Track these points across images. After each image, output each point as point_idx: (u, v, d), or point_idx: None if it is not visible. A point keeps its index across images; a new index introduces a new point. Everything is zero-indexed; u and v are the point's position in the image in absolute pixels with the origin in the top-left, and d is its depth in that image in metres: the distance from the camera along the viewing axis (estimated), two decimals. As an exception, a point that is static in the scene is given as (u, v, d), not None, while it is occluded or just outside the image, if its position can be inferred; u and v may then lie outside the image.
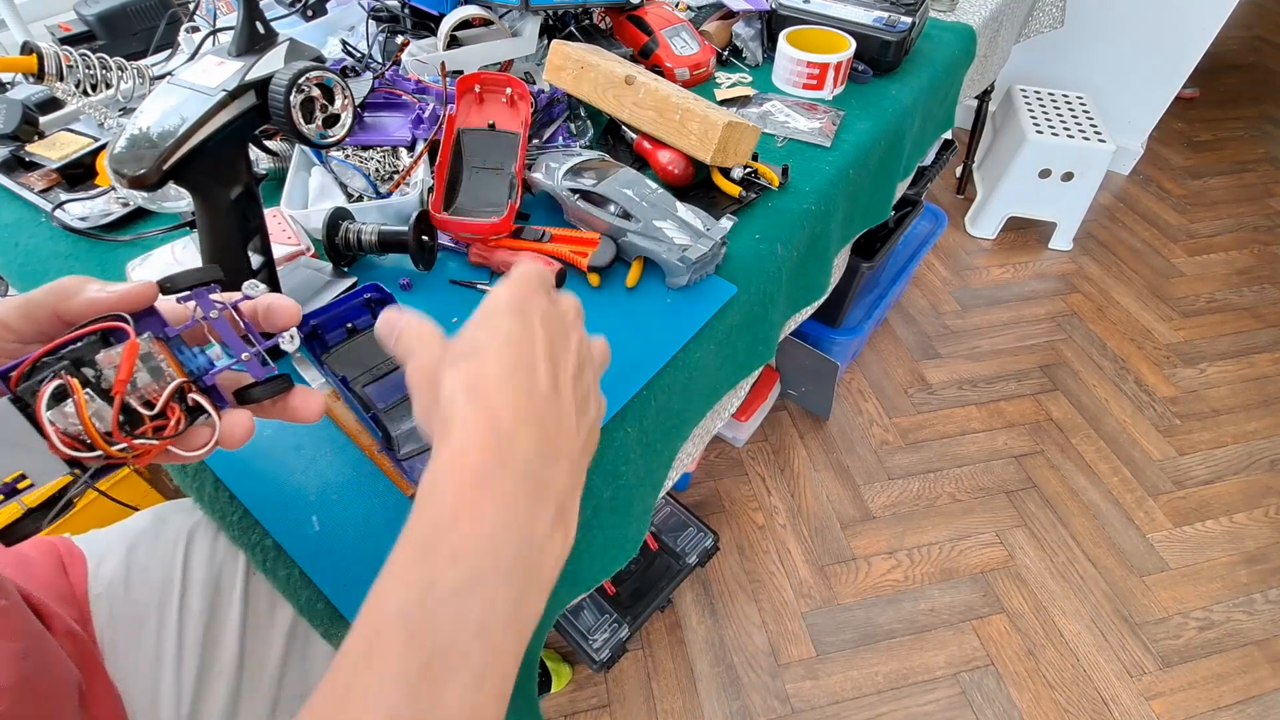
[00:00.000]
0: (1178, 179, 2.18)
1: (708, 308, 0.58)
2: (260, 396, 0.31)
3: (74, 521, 1.10)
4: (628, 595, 1.16)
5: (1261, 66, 2.76)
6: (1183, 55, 1.90)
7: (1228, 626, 1.19)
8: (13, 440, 0.24)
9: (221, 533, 0.53)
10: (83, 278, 0.28)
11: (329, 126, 0.46)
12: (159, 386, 0.27)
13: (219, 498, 0.47)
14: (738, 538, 1.33)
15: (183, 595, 0.49)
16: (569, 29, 0.85)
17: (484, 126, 0.65)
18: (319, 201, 0.66)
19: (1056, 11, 1.40)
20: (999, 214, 1.92)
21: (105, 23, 0.88)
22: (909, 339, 1.70)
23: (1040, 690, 1.12)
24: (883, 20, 0.87)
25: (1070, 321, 1.73)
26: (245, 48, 0.43)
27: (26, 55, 0.64)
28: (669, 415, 0.55)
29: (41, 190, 0.69)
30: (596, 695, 1.13)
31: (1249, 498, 1.37)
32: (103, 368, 0.26)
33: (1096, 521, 1.33)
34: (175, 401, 0.28)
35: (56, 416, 0.24)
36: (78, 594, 0.47)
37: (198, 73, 0.43)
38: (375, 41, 0.80)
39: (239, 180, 0.46)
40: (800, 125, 0.80)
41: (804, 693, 1.13)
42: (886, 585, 1.25)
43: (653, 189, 0.61)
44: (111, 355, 0.26)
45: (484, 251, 0.60)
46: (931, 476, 1.42)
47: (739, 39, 0.93)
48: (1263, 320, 1.73)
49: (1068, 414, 1.52)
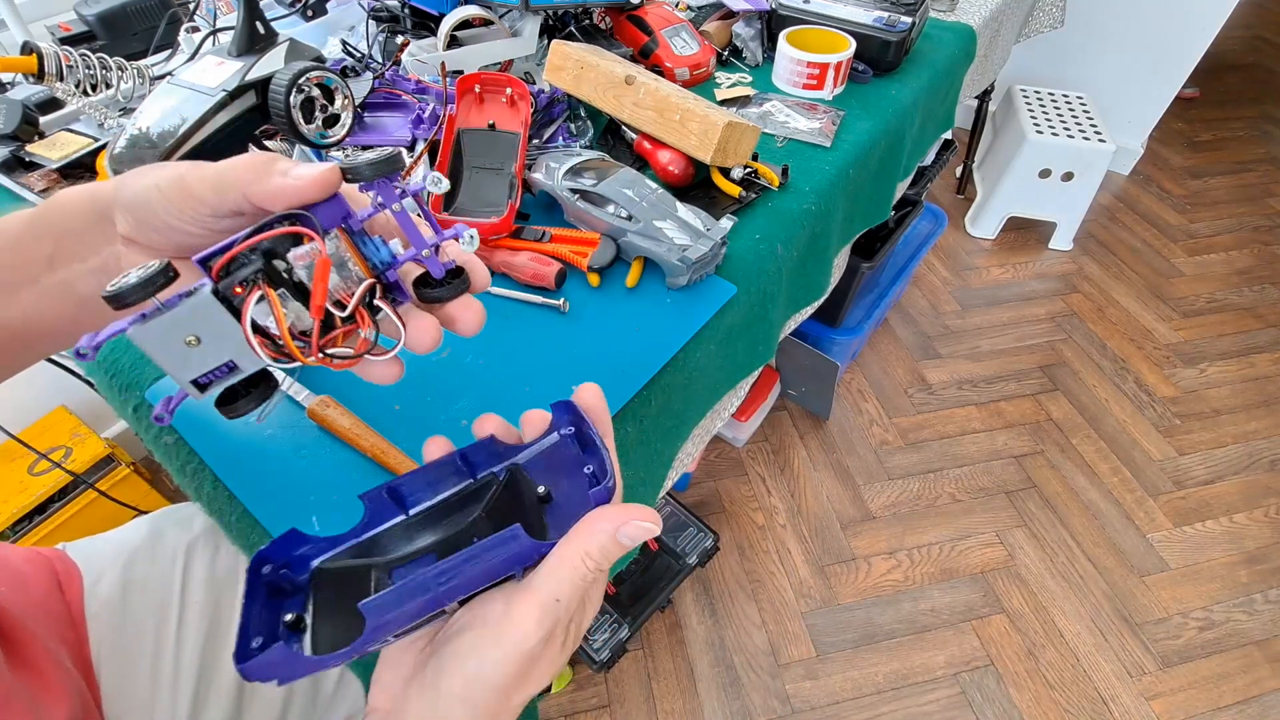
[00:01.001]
0: (1178, 179, 2.18)
1: (708, 308, 0.58)
2: (446, 296, 0.28)
3: (74, 521, 1.10)
4: (628, 595, 1.16)
5: (1261, 66, 2.75)
6: (1183, 55, 1.90)
7: (1228, 626, 1.19)
8: (218, 330, 0.24)
9: (220, 550, 0.52)
10: (270, 156, 0.26)
11: (329, 126, 0.46)
12: (348, 287, 0.26)
13: (218, 497, 0.47)
14: (738, 538, 1.33)
15: (180, 615, 0.48)
16: (569, 29, 0.85)
17: (484, 126, 0.65)
18: (319, 201, 0.65)
19: (1056, 11, 1.40)
20: (999, 214, 1.92)
21: (105, 23, 0.88)
22: (909, 339, 1.70)
23: (1040, 690, 1.12)
24: (883, 20, 0.87)
25: (1070, 321, 1.73)
26: (245, 48, 0.43)
27: (26, 55, 0.64)
28: (669, 415, 0.55)
29: (42, 190, 0.69)
30: (596, 695, 1.13)
31: (1249, 498, 1.36)
32: (294, 264, 0.25)
33: (1096, 521, 1.33)
34: (363, 306, 0.27)
35: (258, 314, 0.24)
36: (74, 613, 0.46)
37: (198, 73, 0.43)
38: (375, 41, 0.80)
39: (239, 180, 0.45)
40: (800, 125, 0.80)
41: (804, 693, 1.13)
42: (886, 585, 1.25)
43: (653, 189, 0.61)
44: (302, 254, 0.25)
45: (484, 251, 0.60)
46: (931, 476, 1.42)
47: (739, 39, 0.93)
48: (1263, 320, 1.73)
49: (1068, 414, 1.52)
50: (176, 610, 0.48)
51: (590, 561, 0.26)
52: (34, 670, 0.37)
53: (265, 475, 0.47)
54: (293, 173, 0.25)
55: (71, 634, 0.45)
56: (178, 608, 0.48)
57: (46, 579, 0.47)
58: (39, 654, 0.39)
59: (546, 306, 0.58)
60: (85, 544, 0.52)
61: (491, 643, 0.26)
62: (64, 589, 0.47)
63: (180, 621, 0.48)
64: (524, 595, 0.26)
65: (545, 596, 0.25)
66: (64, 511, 1.08)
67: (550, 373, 0.53)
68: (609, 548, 0.26)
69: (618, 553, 0.26)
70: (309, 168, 0.25)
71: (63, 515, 1.08)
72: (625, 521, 0.26)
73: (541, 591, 0.25)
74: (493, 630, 0.26)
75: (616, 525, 0.26)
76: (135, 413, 0.52)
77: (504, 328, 0.56)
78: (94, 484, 1.10)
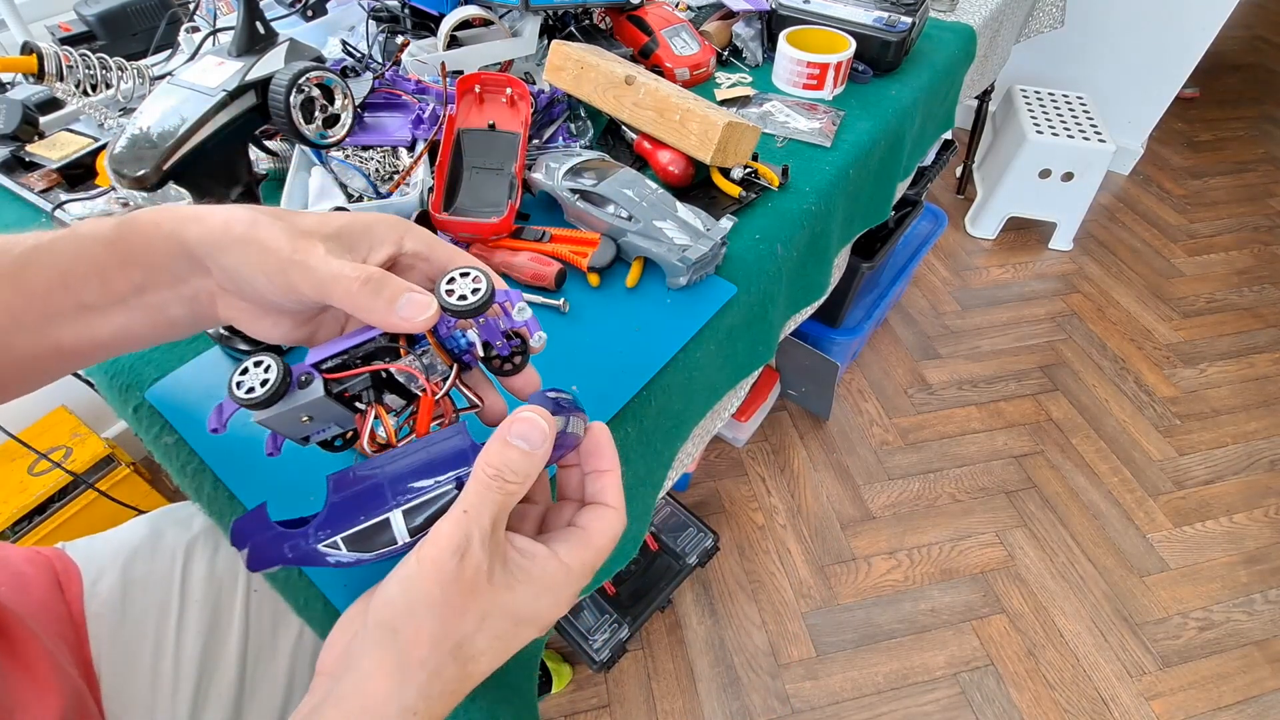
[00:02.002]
0: (1178, 179, 2.18)
1: (708, 308, 0.58)
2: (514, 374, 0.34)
3: (74, 521, 1.10)
4: (628, 595, 1.16)
5: (1261, 66, 2.75)
6: (1183, 55, 1.90)
7: (1227, 626, 1.19)
8: (328, 414, 0.31)
9: (220, 549, 0.52)
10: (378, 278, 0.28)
11: (329, 126, 0.46)
12: (434, 382, 0.32)
13: (218, 498, 0.47)
14: (738, 538, 1.33)
15: (180, 615, 0.48)
16: (569, 29, 0.85)
17: (484, 126, 0.65)
18: (319, 201, 0.65)
19: (1056, 11, 1.40)
20: (999, 214, 1.92)
21: (105, 23, 0.88)
22: (909, 339, 1.70)
23: (1040, 690, 1.12)
24: (883, 20, 0.87)
25: (1070, 321, 1.73)
26: (245, 48, 0.43)
27: (26, 55, 0.64)
28: (669, 415, 0.55)
29: (41, 190, 0.69)
30: (596, 695, 1.13)
31: (1249, 498, 1.36)
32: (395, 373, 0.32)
33: (1096, 522, 1.33)
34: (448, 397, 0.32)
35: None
36: (74, 614, 0.46)
37: (198, 73, 0.43)
38: (375, 41, 0.80)
39: (239, 180, 0.46)
40: (800, 125, 0.80)
41: (804, 693, 1.13)
42: (886, 585, 1.25)
43: (653, 189, 0.61)
44: (402, 365, 0.31)
45: (484, 251, 0.61)
46: (931, 477, 1.42)
47: (739, 39, 0.93)
48: (1263, 320, 1.73)
49: (1068, 414, 1.52)
50: (176, 609, 0.48)
51: (489, 470, 0.26)
52: (27, 668, 0.37)
53: (266, 476, 0.47)
54: (402, 312, 0.28)
55: (71, 633, 0.45)
56: (177, 607, 0.48)
57: (46, 578, 0.47)
58: (34, 652, 0.39)
59: (546, 306, 0.58)
60: (85, 543, 0.52)
61: (409, 561, 0.26)
62: (64, 588, 0.47)
63: (180, 621, 0.48)
64: (441, 518, 0.26)
65: (455, 510, 0.26)
66: (64, 511, 1.08)
67: (550, 373, 0.53)
68: (504, 452, 0.26)
69: (518, 458, 0.26)
70: (417, 307, 0.28)
71: (63, 515, 1.08)
72: (512, 421, 0.26)
73: (454, 508, 0.26)
74: (412, 552, 0.26)
75: (507, 430, 0.26)
76: (135, 413, 0.52)
77: (504, 328, 0.56)
78: (94, 484, 1.10)
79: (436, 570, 0.25)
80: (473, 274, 0.29)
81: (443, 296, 0.29)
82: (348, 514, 0.27)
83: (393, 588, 0.26)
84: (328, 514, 0.27)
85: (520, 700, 0.45)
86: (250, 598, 0.50)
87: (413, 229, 0.32)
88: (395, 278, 0.29)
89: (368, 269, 0.28)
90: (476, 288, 0.29)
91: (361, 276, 0.27)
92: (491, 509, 0.26)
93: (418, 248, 0.32)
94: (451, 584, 0.25)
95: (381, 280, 0.28)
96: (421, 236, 0.32)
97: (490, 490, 0.26)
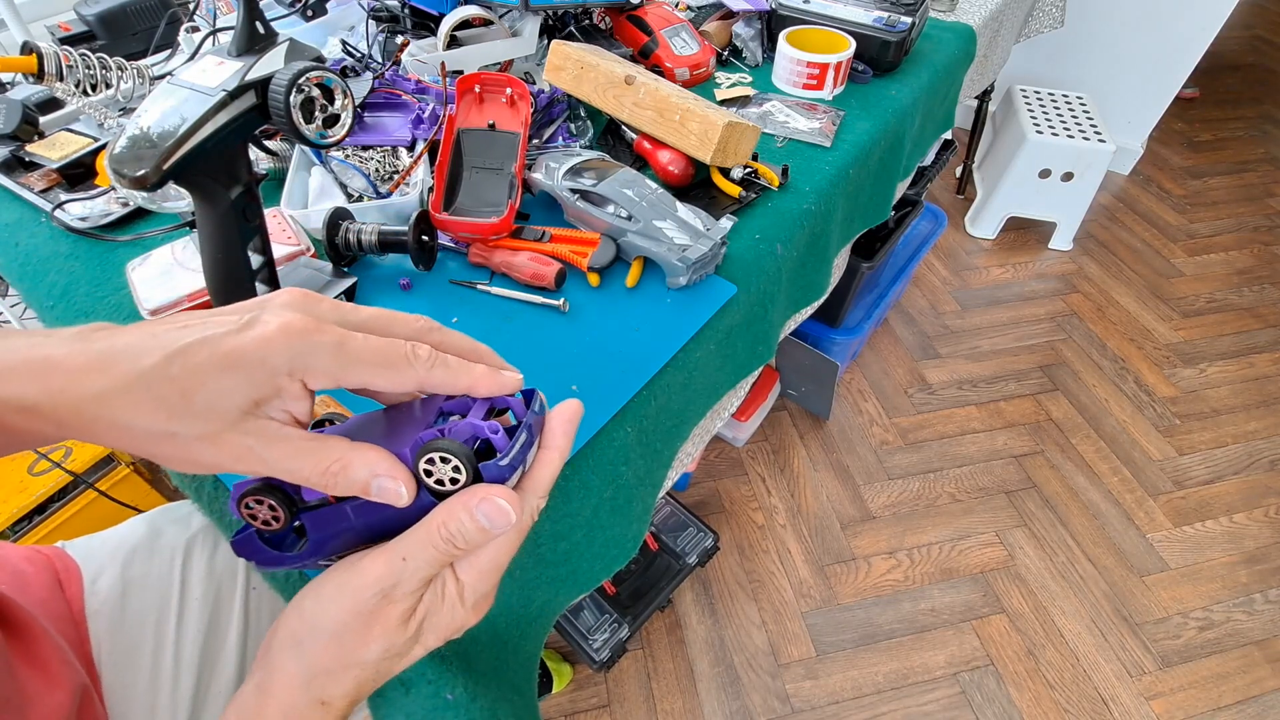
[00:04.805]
0: (1178, 179, 2.18)
1: (708, 308, 0.58)
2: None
3: (74, 521, 1.10)
4: (628, 595, 1.16)
5: (1261, 66, 2.75)
6: (1183, 55, 1.90)
7: (1227, 626, 1.19)
8: None
9: (219, 547, 0.53)
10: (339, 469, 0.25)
11: (329, 126, 0.46)
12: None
13: (219, 497, 0.47)
14: (738, 538, 1.33)
15: (180, 612, 0.48)
16: (569, 29, 0.85)
17: (484, 126, 0.65)
18: (319, 201, 0.66)
19: (1056, 11, 1.40)
20: (999, 214, 1.92)
21: (105, 23, 0.88)
22: (909, 339, 1.70)
23: (1040, 690, 1.12)
24: (883, 20, 0.87)
25: (1070, 321, 1.73)
26: (245, 48, 0.43)
27: (26, 55, 0.64)
28: (669, 415, 0.55)
29: (41, 190, 0.69)
30: (596, 695, 1.13)
31: (1249, 498, 1.36)
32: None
33: (1096, 521, 1.33)
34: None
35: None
36: (74, 612, 0.46)
37: (198, 73, 0.43)
38: (375, 41, 0.80)
39: (239, 180, 0.45)
40: (800, 125, 0.80)
41: (804, 693, 1.13)
42: (886, 585, 1.25)
43: (653, 189, 0.61)
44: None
45: (484, 251, 0.61)
46: (931, 476, 1.42)
47: (739, 39, 0.93)
48: (1263, 320, 1.73)
49: (1068, 414, 1.52)
50: (176, 607, 0.48)
51: (444, 531, 0.25)
52: (38, 663, 0.38)
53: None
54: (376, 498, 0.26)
55: (72, 632, 0.45)
56: (177, 605, 0.48)
57: (46, 577, 0.47)
58: (46, 648, 0.39)
59: (546, 306, 0.58)
60: (84, 542, 0.52)
61: (331, 581, 0.26)
62: (64, 587, 0.47)
63: (180, 618, 0.48)
64: (377, 549, 0.26)
65: (393, 553, 0.25)
66: (64, 511, 1.08)
67: (550, 373, 0.53)
68: (466, 525, 0.25)
69: (475, 532, 0.25)
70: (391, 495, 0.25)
71: (63, 515, 1.08)
72: (483, 499, 0.25)
73: (392, 549, 0.26)
74: (338, 572, 0.26)
75: (475, 502, 0.25)
76: (135, 413, 0.52)
77: (504, 328, 0.56)
78: (94, 484, 1.10)
79: (355, 602, 0.25)
80: (453, 461, 0.25)
81: (421, 477, 0.26)
82: (331, 545, 0.28)
83: (311, 604, 0.26)
84: (312, 549, 0.28)
85: (520, 700, 0.45)
86: (249, 595, 0.50)
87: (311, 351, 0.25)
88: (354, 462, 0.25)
89: (323, 462, 0.25)
90: (455, 477, 0.26)
91: (320, 470, 0.25)
92: (429, 568, 0.26)
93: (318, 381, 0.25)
94: (363, 615, 0.26)
95: (340, 469, 0.25)
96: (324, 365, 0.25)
97: (435, 550, 0.25)
